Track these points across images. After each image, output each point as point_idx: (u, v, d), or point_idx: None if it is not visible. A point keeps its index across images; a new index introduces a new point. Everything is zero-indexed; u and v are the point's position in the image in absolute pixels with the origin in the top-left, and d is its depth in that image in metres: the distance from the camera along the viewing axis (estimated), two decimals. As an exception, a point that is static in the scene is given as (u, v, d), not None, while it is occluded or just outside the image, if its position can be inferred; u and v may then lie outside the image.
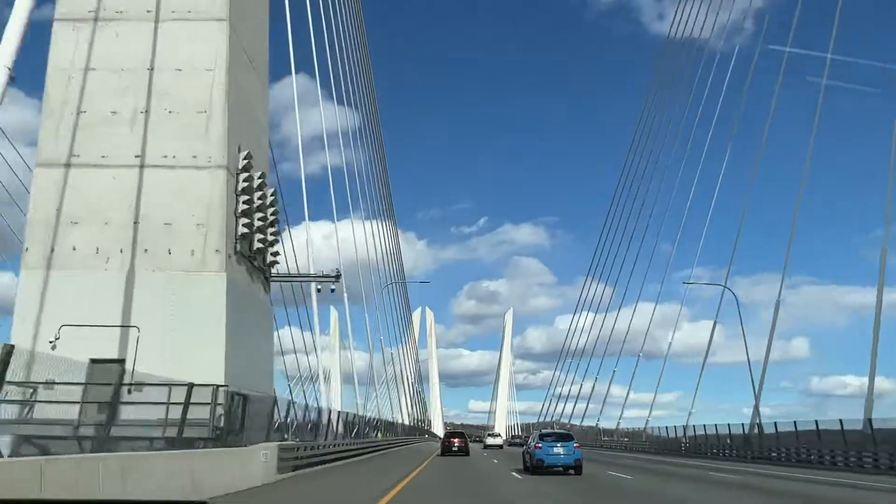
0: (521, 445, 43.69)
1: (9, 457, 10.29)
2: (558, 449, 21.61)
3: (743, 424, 37.39)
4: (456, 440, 38.06)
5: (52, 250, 17.40)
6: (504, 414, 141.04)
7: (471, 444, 41.17)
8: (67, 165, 17.85)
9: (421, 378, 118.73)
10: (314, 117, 34.87)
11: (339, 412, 29.61)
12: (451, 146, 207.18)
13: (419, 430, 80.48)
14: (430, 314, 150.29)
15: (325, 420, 25.28)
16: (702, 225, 52.10)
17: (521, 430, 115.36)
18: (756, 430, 35.89)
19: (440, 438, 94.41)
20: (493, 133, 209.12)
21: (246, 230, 19.29)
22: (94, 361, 14.21)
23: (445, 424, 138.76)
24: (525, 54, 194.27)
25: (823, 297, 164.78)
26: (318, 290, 26.20)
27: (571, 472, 21.66)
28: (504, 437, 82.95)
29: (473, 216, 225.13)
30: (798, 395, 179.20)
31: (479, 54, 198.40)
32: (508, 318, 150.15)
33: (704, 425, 42.30)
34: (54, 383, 12.42)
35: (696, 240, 54.76)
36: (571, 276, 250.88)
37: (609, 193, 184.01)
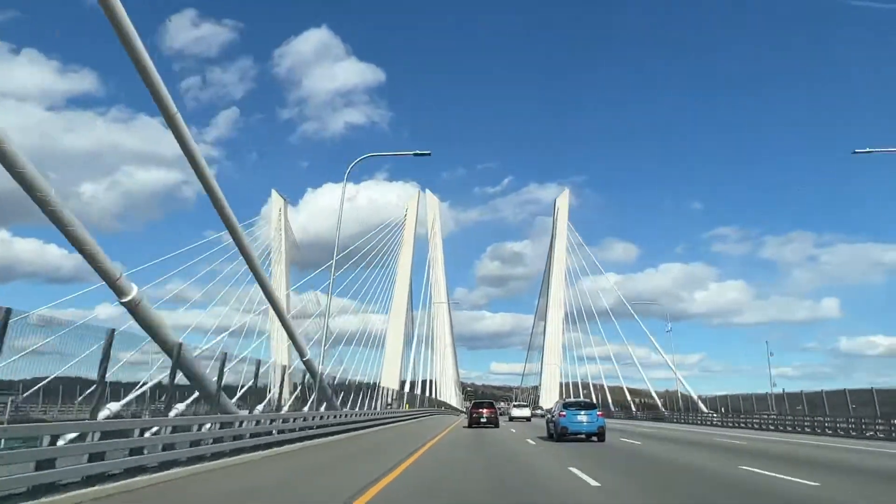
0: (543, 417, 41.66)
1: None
2: (582, 417, 22.03)
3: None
4: (485, 411, 35.86)
5: None
6: (556, 356, 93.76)
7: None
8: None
9: (422, 339, 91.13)
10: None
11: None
12: (479, 104, 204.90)
13: (414, 399, 63.71)
14: (432, 200, 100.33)
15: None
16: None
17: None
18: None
19: (456, 409, 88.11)
20: (522, 89, 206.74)
21: None
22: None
23: (465, 386, 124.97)
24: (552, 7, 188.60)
25: (859, 255, 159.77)
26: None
27: (594, 438, 21.76)
28: (532, 408, 64.93)
29: (498, 176, 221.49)
30: (824, 355, 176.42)
31: (508, 13, 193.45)
32: (562, 202, 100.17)
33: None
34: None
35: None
36: (598, 237, 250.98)
37: (639, 153, 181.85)
